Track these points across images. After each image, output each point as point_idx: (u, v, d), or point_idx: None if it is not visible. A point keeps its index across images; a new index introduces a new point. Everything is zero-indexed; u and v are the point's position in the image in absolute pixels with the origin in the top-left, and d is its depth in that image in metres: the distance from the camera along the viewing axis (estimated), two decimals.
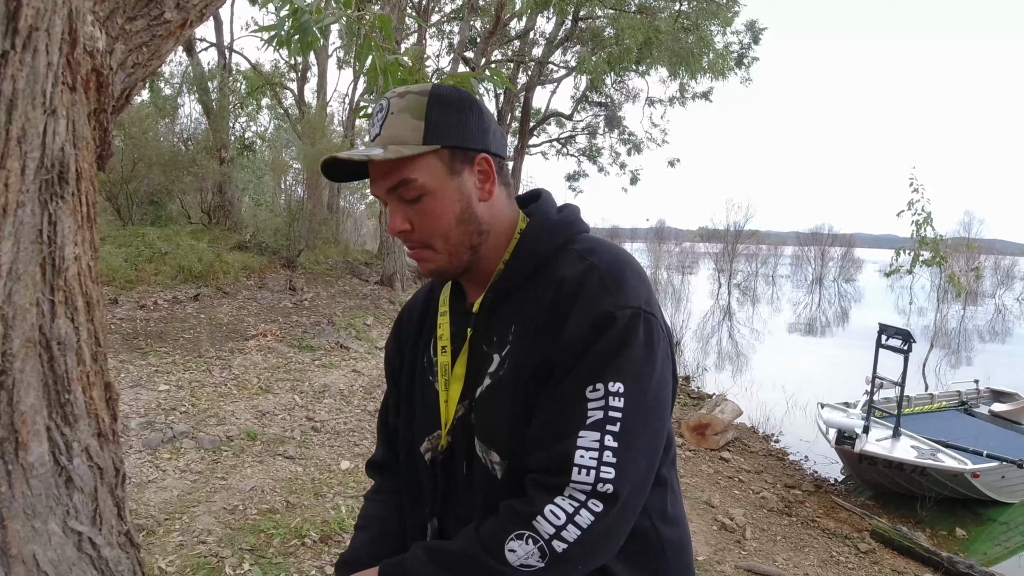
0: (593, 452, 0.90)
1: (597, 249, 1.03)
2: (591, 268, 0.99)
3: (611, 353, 0.93)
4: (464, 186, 1.02)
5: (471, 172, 1.03)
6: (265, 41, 2.28)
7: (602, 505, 0.90)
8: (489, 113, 1.08)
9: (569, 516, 0.90)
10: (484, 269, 1.08)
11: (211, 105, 14.11)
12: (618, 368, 0.92)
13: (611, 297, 0.96)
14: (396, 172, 0.99)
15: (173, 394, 5.67)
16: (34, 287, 0.82)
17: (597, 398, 0.92)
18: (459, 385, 1.08)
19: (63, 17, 0.83)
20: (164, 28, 1.14)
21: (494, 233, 1.07)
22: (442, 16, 18.71)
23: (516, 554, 0.90)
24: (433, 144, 0.99)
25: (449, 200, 1.01)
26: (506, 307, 1.05)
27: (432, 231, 1.02)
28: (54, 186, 0.84)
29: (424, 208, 1.01)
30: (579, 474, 0.90)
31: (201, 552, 3.33)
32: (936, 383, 11.37)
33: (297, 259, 12.13)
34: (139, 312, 7.93)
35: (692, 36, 14.09)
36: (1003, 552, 5.92)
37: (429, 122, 0.99)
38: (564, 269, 1.00)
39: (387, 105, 1.02)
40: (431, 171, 1.00)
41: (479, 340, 1.07)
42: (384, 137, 1.00)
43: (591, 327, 0.94)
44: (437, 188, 1.00)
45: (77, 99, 0.90)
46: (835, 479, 7.25)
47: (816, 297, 33.11)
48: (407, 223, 1.02)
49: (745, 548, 4.59)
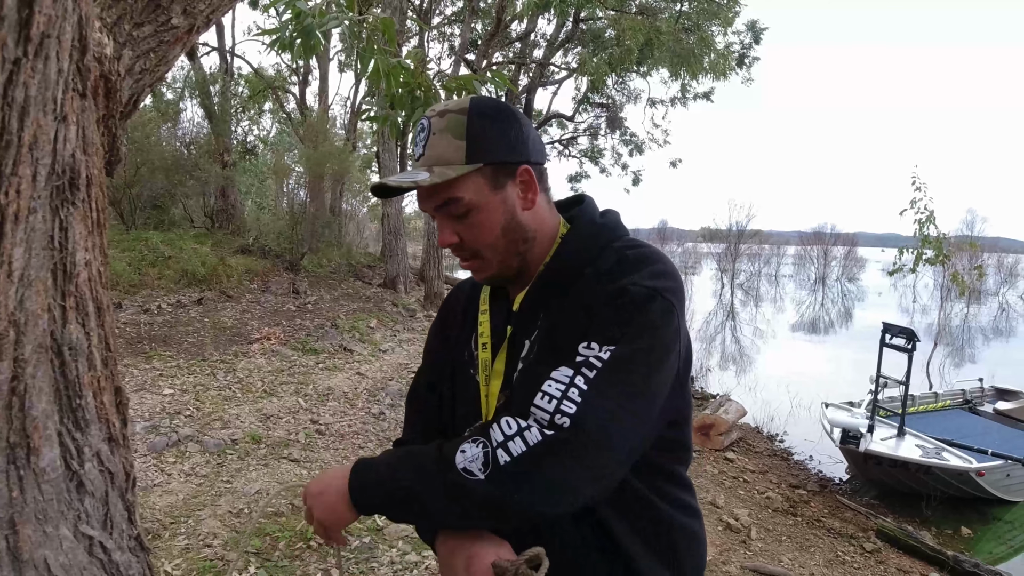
0: (560, 385, 0.92)
1: (636, 246, 1.07)
2: (624, 257, 1.04)
3: (616, 321, 0.96)
4: (508, 198, 1.06)
5: (514, 184, 1.07)
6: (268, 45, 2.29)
7: (551, 433, 0.90)
8: (527, 121, 1.11)
9: (519, 430, 0.91)
10: (528, 271, 1.12)
11: (213, 109, 14.15)
12: (618, 334, 0.95)
13: (630, 276, 0.99)
14: (442, 192, 1.03)
15: (177, 398, 5.68)
16: (46, 293, 0.82)
17: (585, 349, 0.94)
18: (499, 381, 1.11)
19: (73, 24, 0.84)
20: (171, 34, 1.15)
21: (539, 238, 1.10)
22: (443, 19, 18.74)
23: (465, 455, 0.92)
24: (476, 163, 1.02)
25: (494, 213, 1.05)
26: (549, 303, 1.08)
27: (480, 243, 1.06)
28: (65, 192, 0.84)
29: (471, 222, 1.05)
30: (540, 399, 0.92)
31: (207, 555, 3.34)
32: (940, 382, 11.34)
33: (300, 262, 12.15)
34: (143, 316, 7.94)
35: (693, 37, 14.09)
36: (1009, 551, 5.90)
37: (470, 141, 1.02)
38: (608, 261, 1.05)
39: (428, 125, 1.06)
40: (476, 188, 1.03)
41: (519, 336, 1.10)
42: (428, 158, 1.04)
43: (606, 297, 0.98)
44: (482, 203, 1.04)
45: (87, 105, 0.90)
46: (840, 479, 7.24)
47: (819, 296, 33.05)
48: (455, 236, 1.06)
49: (751, 548, 4.59)
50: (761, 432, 8.50)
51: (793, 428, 8.67)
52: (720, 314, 23.36)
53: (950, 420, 8.04)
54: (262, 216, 15.58)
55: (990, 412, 8.53)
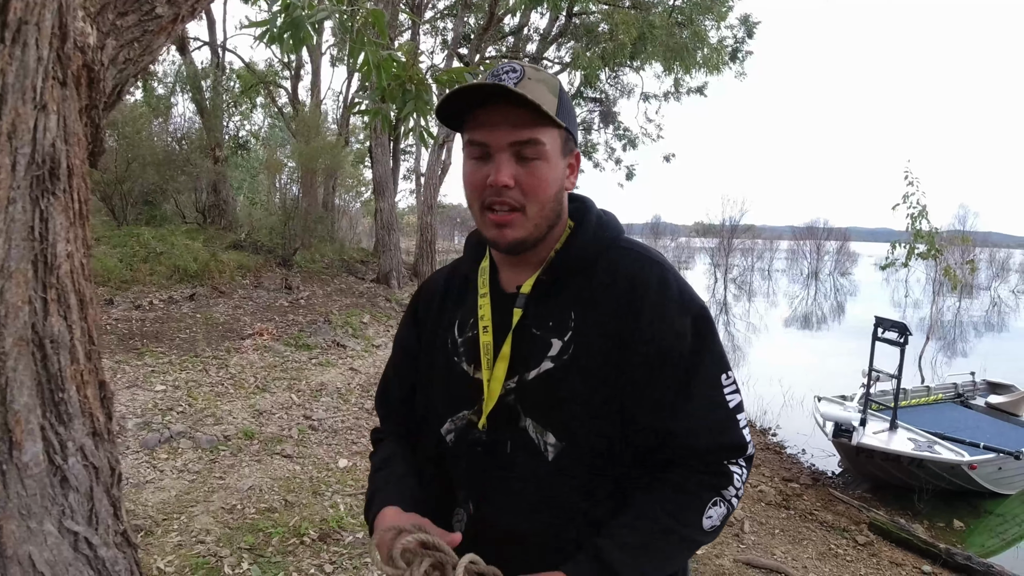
0: (747, 429, 1.08)
1: (650, 251, 1.14)
2: (664, 270, 1.09)
3: (718, 346, 1.08)
4: (563, 170, 1.09)
5: (566, 161, 1.10)
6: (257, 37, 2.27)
7: (747, 464, 1.08)
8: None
9: (742, 479, 1.06)
10: (535, 254, 1.11)
11: (205, 104, 14.06)
12: (725, 359, 1.09)
13: (695, 299, 1.09)
14: (529, 128, 1.01)
15: (170, 394, 5.65)
16: (26, 285, 0.81)
17: (729, 383, 1.07)
18: (505, 364, 1.09)
19: (53, 12, 0.82)
20: (155, 23, 1.13)
21: (561, 222, 1.13)
22: (436, 12, 18.65)
23: (712, 519, 1.03)
24: (562, 121, 1.03)
25: (557, 172, 1.06)
26: (562, 294, 1.09)
27: (534, 195, 1.04)
28: (45, 182, 0.83)
29: (536, 171, 1.03)
30: (750, 448, 1.08)
31: (200, 552, 3.32)
32: (932, 376, 11.39)
33: (293, 258, 12.10)
34: (135, 312, 7.90)
35: (686, 31, 14.07)
36: (1001, 543, 5.94)
37: (561, 102, 1.05)
38: (628, 266, 1.09)
39: (521, 71, 1.03)
40: (554, 142, 1.05)
41: (527, 322, 1.09)
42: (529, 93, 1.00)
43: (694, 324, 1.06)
44: (554, 158, 1.05)
45: (68, 94, 0.89)
46: (833, 472, 7.27)
47: (812, 291, 33.14)
48: (512, 179, 1.03)
49: (744, 542, 4.60)
50: (754, 426, 8.52)
51: (786, 422, 8.70)
52: (713, 309, 23.38)
53: (942, 414, 8.07)
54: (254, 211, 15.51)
55: (982, 406, 8.58)
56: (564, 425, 1.04)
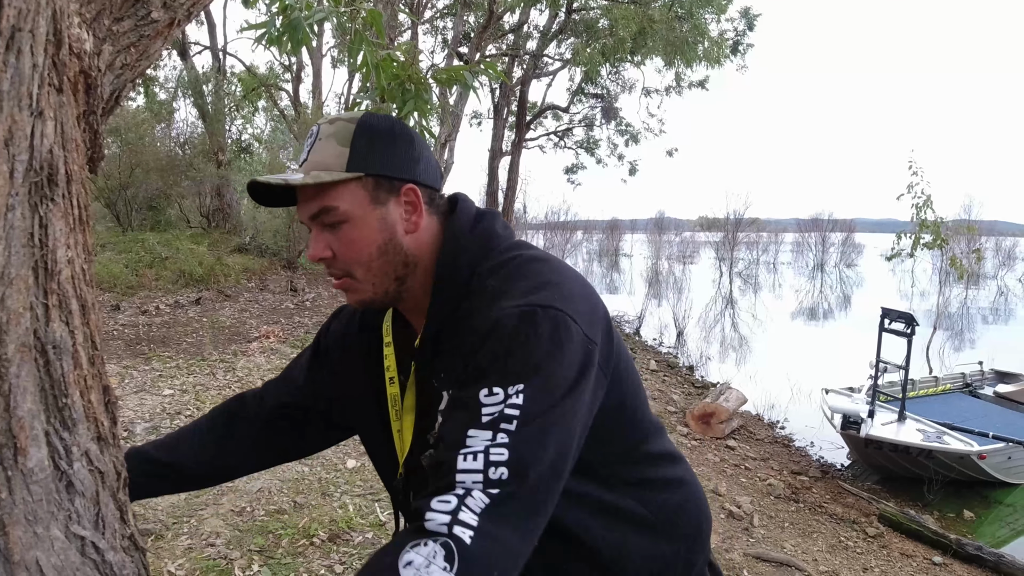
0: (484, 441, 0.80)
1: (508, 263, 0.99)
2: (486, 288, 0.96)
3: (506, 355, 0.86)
4: (388, 216, 0.99)
5: (397, 203, 1.00)
6: (256, 40, 2.27)
7: (498, 489, 0.78)
8: (423, 143, 1.05)
9: (460, 500, 0.77)
10: (417, 303, 1.05)
11: (207, 108, 14.10)
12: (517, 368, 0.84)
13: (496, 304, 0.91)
14: (318, 199, 0.97)
15: (178, 398, 5.67)
16: (27, 291, 0.81)
17: (494, 402, 0.82)
18: (411, 416, 1.05)
19: (47, 18, 0.82)
20: (152, 28, 1.13)
21: (423, 265, 1.03)
22: (435, 12, 18.67)
23: (414, 565, 0.73)
24: (356, 171, 0.96)
25: (370, 229, 0.98)
26: (448, 342, 1.00)
27: (353, 260, 0.99)
28: (44, 189, 0.83)
29: (344, 236, 0.98)
30: (464, 461, 0.79)
31: (210, 554, 3.34)
32: (940, 366, 11.35)
33: (297, 260, 12.13)
34: (141, 318, 7.93)
35: (686, 24, 14.05)
36: (1011, 533, 5.91)
37: (354, 149, 0.97)
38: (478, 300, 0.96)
39: (317, 131, 1.00)
40: (353, 199, 0.97)
41: (425, 374, 1.03)
42: (309, 163, 0.98)
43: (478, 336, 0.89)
44: (358, 216, 0.97)
45: (65, 101, 0.89)
46: (841, 464, 7.25)
47: (818, 283, 33.04)
48: (328, 250, 0.99)
49: (753, 535, 4.59)
50: (762, 419, 8.50)
51: (794, 415, 8.68)
52: (719, 303, 23.34)
53: (951, 404, 8.04)
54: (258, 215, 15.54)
55: (990, 395, 8.54)
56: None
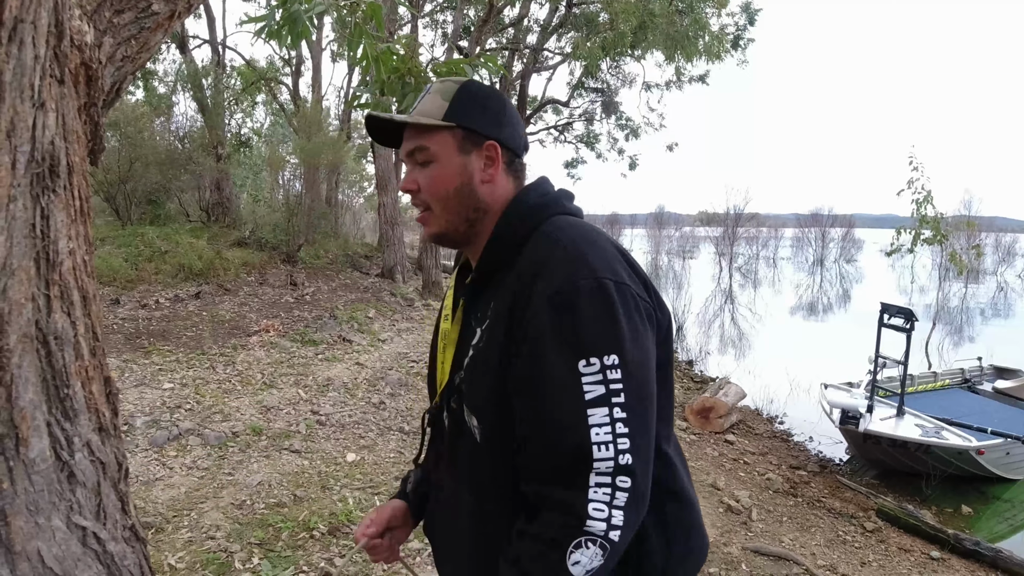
0: (607, 428, 0.91)
1: (564, 228, 1.08)
2: (557, 244, 1.05)
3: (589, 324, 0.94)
4: (469, 165, 1.14)
5: (479, 155, 1.15)
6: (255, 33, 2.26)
7: (628, 480, 0.90)
8: (513, 112, 1.21)
9: (609, 503, 0.90)
10: (482, 244, 1.18)
11: (206, 102, 14.07)
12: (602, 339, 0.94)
13: (574, 269, 0.99)
14: (416, 138, 1.15)
15: (177, 392, 5.68)
16: (29, 282, 0.81)
17: (592, 371, 0.92)
18: (452, 350, 1.19)
19: (49, 10, 0.82)
20: (152, 20, 1.13)
21: (491, 214, 1.16)
22: (435, 5, 18.60)
23: (581, 564, 0.89)
24: (450, 122, 1.12)
25: (452, 172, 1.13)
26: (488, 285, 1.15)
27: (433, 195, 1.15)
28: (45, 180, 0.83)
29: (431, 174, 1.14)
30: (600, 451, 0.90)
31: (210, 547, 3.35)
32: (939, 361, 11.35)
33: (297, 254, 12.12)
34: (141, 311, 7.93)
35: (687, 19, 13.98)
36: (1009, 528, 5.93)
37: (452, 105, 1.14)
38: (532, 252, 1.07)
39: (429, 88, 1.19)
40: (443, 144, 1.13)
41: (469, 312, 1.19)
42: (417, 110, 1.16)
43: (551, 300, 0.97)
44: (444, 159, 1.13)
45: (66, 92, 0.89)
46: (840, 459, 7.26)
47: (817, 278, 33.03)
48: (415, 184, 1.16)
49: (751, 529, 4.60)
50: (761, 414, 8.51)
51: (793, 409, 8.68)
52: (719, 297, 23.34)
53: (949, 399, 8.05)
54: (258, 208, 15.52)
55: (989, 391, 8.55)
56: (480, 410, 1.09)
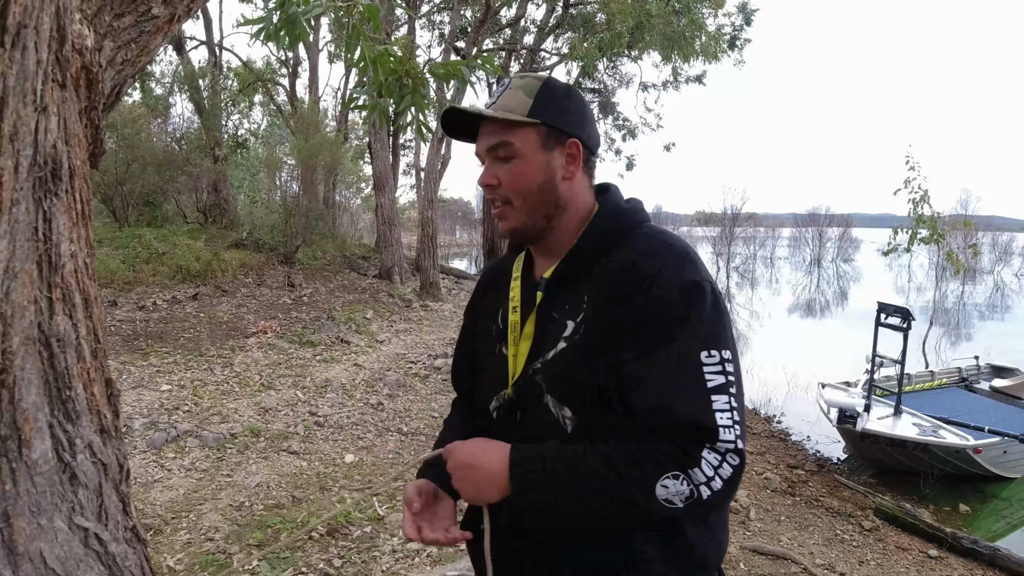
0: (728, 414, 1.01)
1: (667, 233, 1.17)
2: (668, 245, 1.12)
3: (712, 321, 1.04)
4: (552, 162, 1.16)
5: (561, 152, 1.17)
6: (253, 35, 2.27)
7: (737, 460, 1.00)
8: (592, 114, 1.25)
9: (715, 468, 0.99)
10: (557, 242, 1.21)
11: (203, 103, 14.06)
12: (720, 335, 1.04)
13: (693, 268, 1.08)
14: (499, 133, 1.16)
15: (176, 393, 5.68)
16: (31, 285, 0.82)
17: (712, 362, 1.02)
18: (528, 343, 1.19)
19: (51, 15, 0.83)
20: (152, 24, 1.14)
21: (570, 211, 1.20)
22: (432, 6, 18.60)
23: (668, 490, 0.98)
24: (535, 119, 1.14)
25: (535, 168, 1.16)
26: (578, 280, 1.16)
27: (515, 190, 1.16)
28: (48, 183, 0.84)
29: (513, 169, 1.16)
30: (725, 434, 1.00)
31: (209, 549, 3.35)
32: (936, 360, 11.39)
33: (295, 255, 12.11)
34: (139, 313, 7.92)
35: (684, 19, 14.01)
36: (1006, 527, 5.94)
37: (536, 101, 1.15)
38: (640, 245, 1.13)
39: (508, 82, 1.20)
40: (527, 140, 1.15)
41: (548, 306, 1.18)
42: (498, 105, 1.16)
43: (682, 294, 1.05)
44: (528, 155, 1.15)
45: (67, 96, 0.90)
46: (837, 458, 7.27)
47: (815, 278, 33.08)
48: (495, 179, 1.17)
49: (750, 529, 4.61)
50: (758, 413, 8.53)
51: (790, 409, 8.70)
52: None
53: (946, 398, 8.07)
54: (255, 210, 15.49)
55: (986, 389, 8.57)
56: (577, 400, 1.11)
